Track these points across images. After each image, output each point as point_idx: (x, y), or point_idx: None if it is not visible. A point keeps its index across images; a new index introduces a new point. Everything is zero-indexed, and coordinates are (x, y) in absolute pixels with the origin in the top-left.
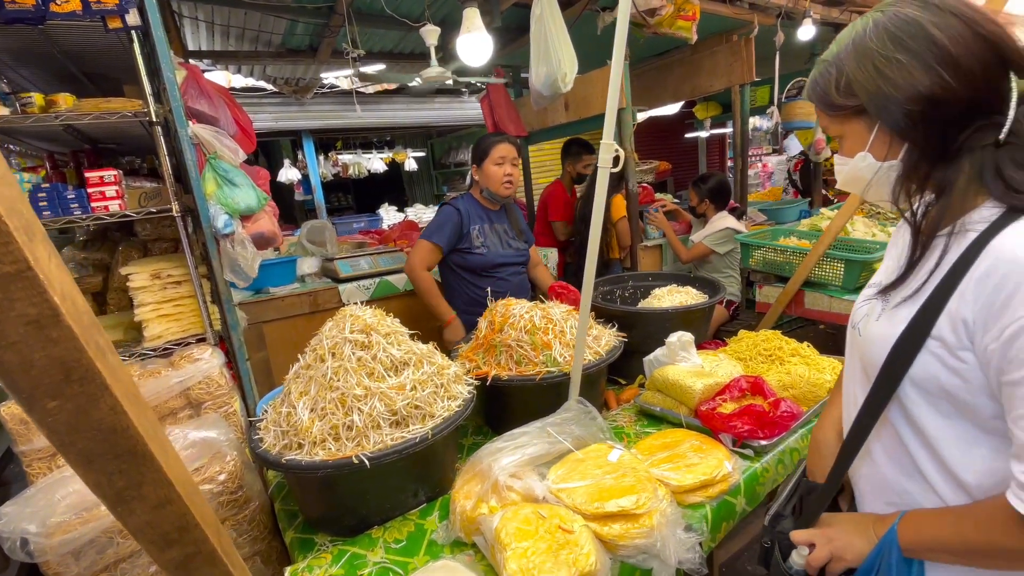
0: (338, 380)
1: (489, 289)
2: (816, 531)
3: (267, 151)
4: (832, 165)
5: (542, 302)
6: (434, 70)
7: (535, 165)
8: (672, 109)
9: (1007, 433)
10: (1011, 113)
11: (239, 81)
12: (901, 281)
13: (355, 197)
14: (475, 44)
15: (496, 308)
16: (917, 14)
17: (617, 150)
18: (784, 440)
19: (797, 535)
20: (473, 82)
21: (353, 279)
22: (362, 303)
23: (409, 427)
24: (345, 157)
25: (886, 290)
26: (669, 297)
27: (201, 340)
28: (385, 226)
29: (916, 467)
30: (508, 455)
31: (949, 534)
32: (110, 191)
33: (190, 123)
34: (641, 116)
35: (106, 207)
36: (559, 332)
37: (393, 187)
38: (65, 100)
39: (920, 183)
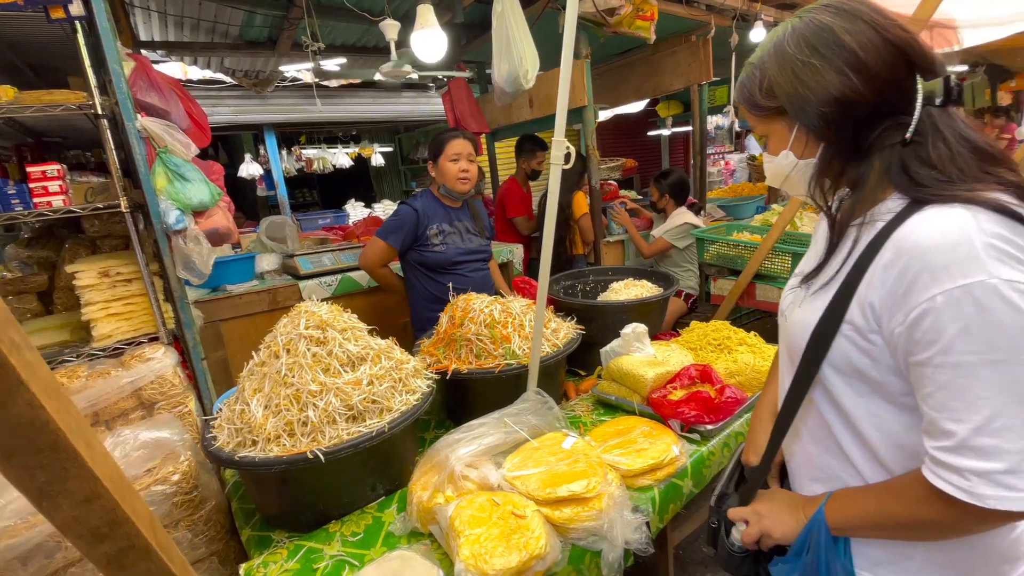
0: (293, 376)
1: (450, 284)
2: (748, 508)
3: (227, 145)
4: None
5: (502, 296)
6: (394, 65)
7: (503, 161)
8: (636, 108)
9: (917, 409)
10: (916, 114)
11: (195, 73)
12: (819, 270)
13: (320, 193)
14: (429, 40)
15: (457, 303)
16: (831, 20)
17: (568, 147)
18: (729, 424)
19: (733, 513)
20: (439, 76)
21: (314, 276)
22: (324, 300)
23: (366, 421)
24: (309, 152)
25: (807, 278)
26: (626, 291)
27: (154, 339)
28: (351, 222)
29: (838, 445)
30: (465, 446)
31: (873, 511)
32: (53, 186)
33: (139, 116)
34: (605, 114)
35: (49, 203)
36: (518, 325)
37: (360, 183)
38: (6, 92)
39: (835, 179)
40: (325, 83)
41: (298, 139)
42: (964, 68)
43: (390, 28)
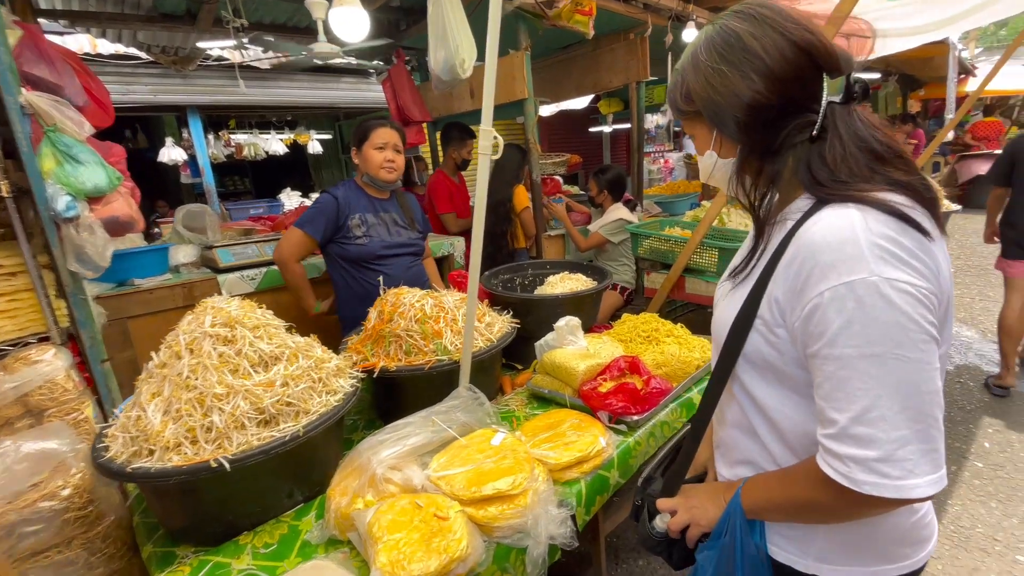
0: (196, 378)
1: (381, 278)
2: (678, 499)
3: (148, 128)
4: None
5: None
6: (323, 46)
7: None
8: (581, 104)
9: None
10: (821, 111)
11: (107, 47)
12: (745, 266)
13: (254, 181)
14: (347, 18)
15: (387, 298)
16: (739, 26)
17: (496, 136)
18: (655, 414)
19: (661, 503)
20: (376, 62)
21: (235, 269)
22: (246, 296)
23: (280, 426)
24: (239, 137)
25: (735, 273)
26: (561, 284)
27: (44, 339)
28: (285, 213)
29: (755, 432)
30: (389, 447)
31: (778, 495)
32: None
33: (23, 90)
34: (549, 109)
35: None
36: (451, 320)
37: (297, 171)
38: None
39: (753, 176)
40: (256, 64)
41: (227, 123)
42: (877, 76)
43: (317, 7)
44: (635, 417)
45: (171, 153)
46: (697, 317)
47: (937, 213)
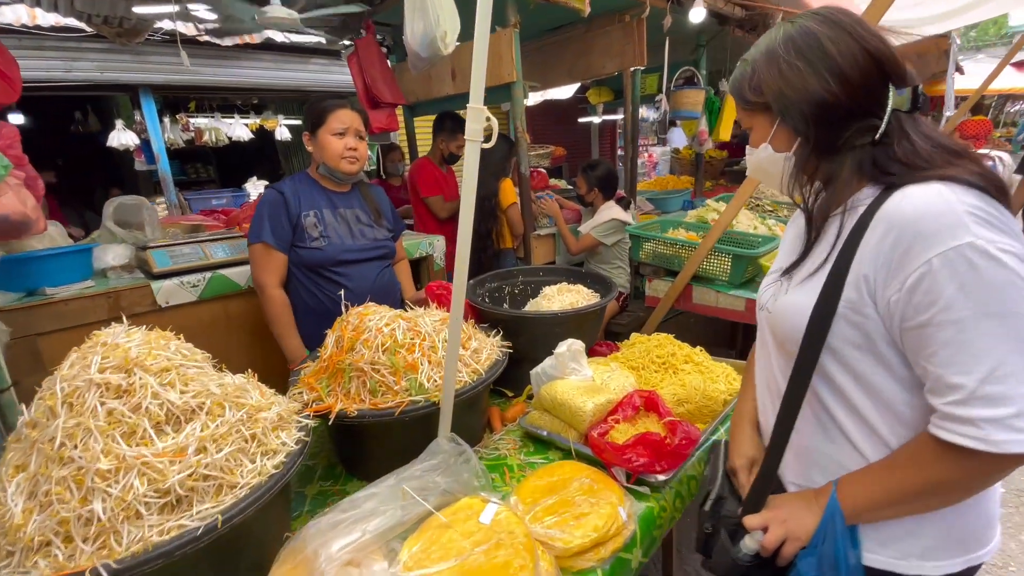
0: (74, 447)
1: (342, 292)
2: (768, 514)
3: (101, 110)
4: (709, 157)
5: (407, 309)
6: (278, 9)
7: (423, 139)
8: (567, 92)
9: (910, 380)
10: (886, 118)
11: (49, 19)
12: (802, 260)
13: (219, 169)
14: None
15: (347, 319)
16: (818, 28)
17: (489, 119)
18: (682, 470)
19: (751, 521)
20: (352, 43)
21: (174, 274)
22: (187, 306)
23: (193, 510)
24: (200, 121)
25: (789, 270)
26: (559, 297)
27: None
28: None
29: (839, 428)
30: (343, 535)
31: (886, 487)
32: None
33: None
34: (535, 97)
35: None
36: (428, 348)
37: (265, 158)
38: None
39: (810, 174)
40: (215, 40)
41: (186, 105)
42: None
43: None
44: (661, 477)
45: (121, 137)
46: (697, 322)
47: (1008, 204)
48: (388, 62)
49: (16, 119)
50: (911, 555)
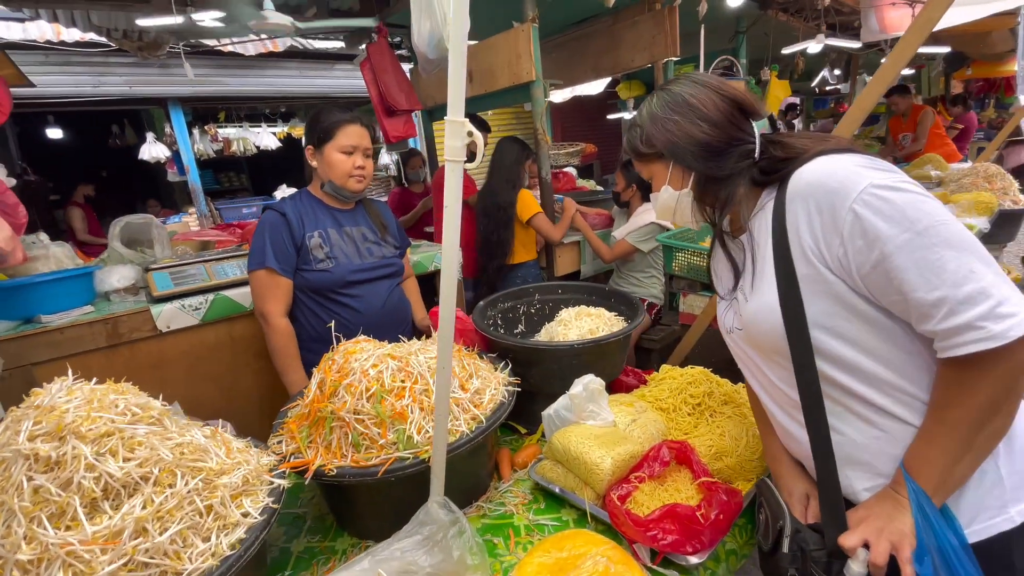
0: None
1: (332, 324)
2: (862, 529)
3: (137, 124)
4: None
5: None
6: (272, 16)
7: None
8: (596, 89)
9: (896, 317)
10: (758, 142)
11: (74, 35)
12: (740, 274)
13: (250, 177)
14: None
15: (333, 357)
16: (680, 89)
17: (471, 133)
18: (720, 545)
19: (847, 540)
20: (345, 38)
21: (175, 297)
22: (189, 330)
23: None
24: (228, 131)
25: (735, 288)
26: (577, 322)
27: None
28: None
29: (874, 407)
30: None
31: (945, 445)
32: None
33: None
34: (561, 95)
35: None
36: (421, 393)
37: (295, 165)
38: None
39: (710, 201)
40: (240, 50)
41: (216, 116)
42: (932, 50)
43: None
44: (693, 559)
45: (152, 150)
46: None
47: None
48: (403, 67)
49: (54, 134)
50: (1007, 505)
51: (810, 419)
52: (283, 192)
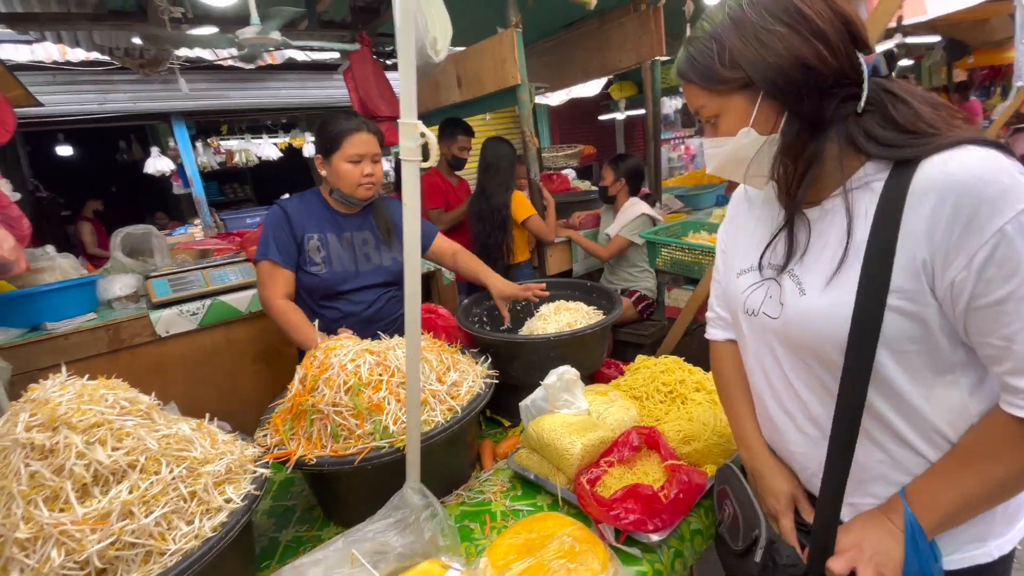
0: None
1: (316, 322)
2: (851, 554)
3: (143, 139)
4: None
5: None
6: (254, 30)
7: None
8: (592, 90)
9: (970, 366)
10: (865, 84)
11: (79, 54)
12: (795, 254)
13: (254, 187)
14: None
15: (314, 354)
16: None
17: (424, 134)
18: (683, 523)
19: (835, 564)
20: (327, 48)
21: (174, 303)
22: (187, 334)
23: None
24: (230, 143)
25: (784, 268)
26: (555, 316)
27: None
28: None
29: (895, 435)
30: None
31: (962, 489)
32: None
33: None
34: (557, 97)
35: None
36: (398, 386)
37: (298, 175)
38: None
39: (796, 155)
40: (240, 64)
41: (218, 129)
42: (930, 39)
43: None
44: (654, 537)
45: (157, 164)
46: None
47: None
48: (387, 74)
49: (64, 151)
50: (988, 540)
51: (838, 440)
52: None
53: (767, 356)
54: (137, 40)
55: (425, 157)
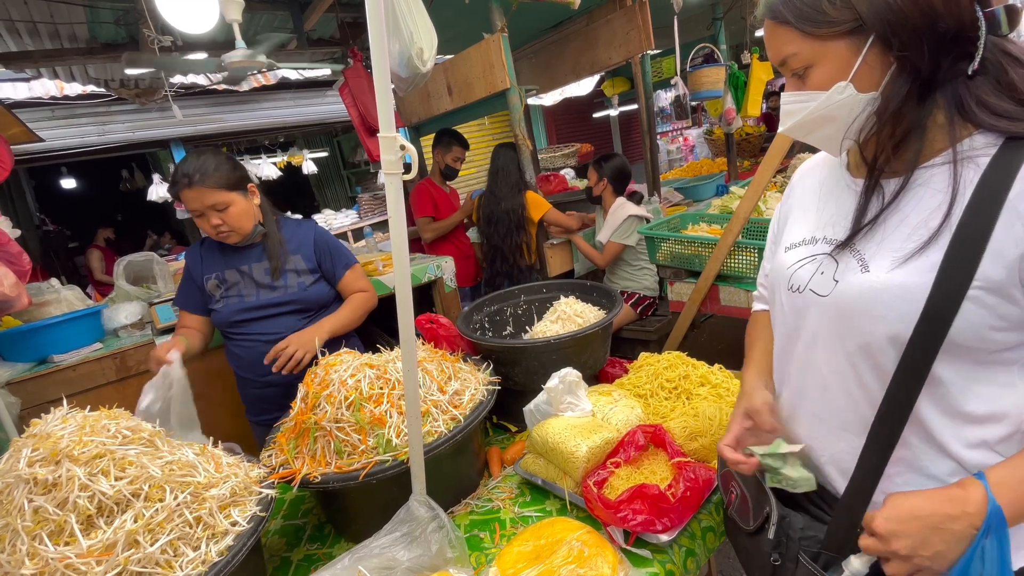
0: (1, 551)
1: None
2: (897, 542)
3: (145, 167)
4: (745, 134)
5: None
6: (240, 54)
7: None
8: (586, 88)
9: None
10: (982, 42)
11: (76, 88)
12: (862, 226)
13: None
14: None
15: (315, 371)
16: None
17: (404, 147)
18: (692, 523)
19: (868, 544)
20: (324, 68)
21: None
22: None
23: None
24: None
25: (846, 242)
26: (553, 323)
27: None
28: None
29: (931, 440)
30: None
31: None
32: None
33: None
34: (548, 98)
35: None
36: (399, 398)
37: (300, 193)
38: None
39: (897, 118)
40: (234, 87)
41: None
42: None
43: (232, 7)
44: (664, 537)
45: (159, 191)
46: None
47: None
48: None
49: (68, 184)
50: None
51: (881, 431)
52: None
53: (803, 337)
54: (130, 71)
55: (407, 170)
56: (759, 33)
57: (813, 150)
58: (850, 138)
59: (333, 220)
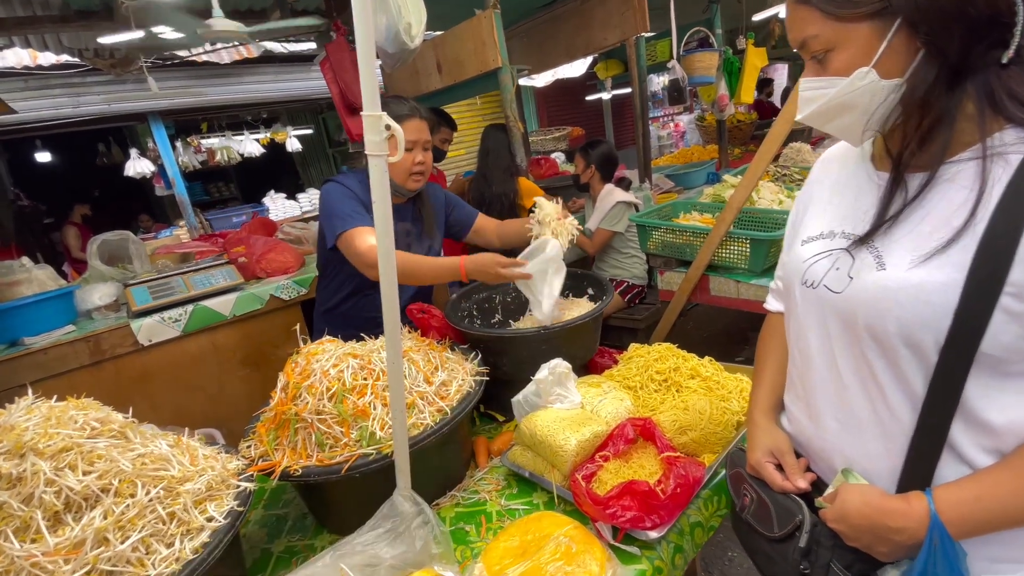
0: None
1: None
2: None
3: (123, 141)
4: (737, 121)
5: None
6: (220, 23)
7: None
8: (579, 70)
9: None
10: (1019, 28)
11: (49, 58)
12: (883, 222)
13: (240, 186)
14: None
15: (296, 360)
16: None
17: (389, 127)
18: (681, 519)
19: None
20: (298, 38)
21: (154, 310)
22: (171, 342)
23: None
24: (211, 141)
25: (866, 238)
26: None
27: None
28: (273, 217)
29: (951, 449)
30: None
31: (1009, 502)
32: None
33: None
34: (541, 79)
35: None
36: (383, 389)
37: (283, 171)
38: None
39: (924, 108)
40: (214, 59)
41: (198, 127)
42: None
43: None
44: (653, 534)
45: (137, 166)
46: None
47: None
48: None
49: (43, 158)
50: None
51: (919, 464)
52: (272, 198)
53: (816, 335)
54: (104, 40)
55: (392, 152)
56: (757, 17)
57: (804, 140)
58: (873, 128)
59: (317, 200)
